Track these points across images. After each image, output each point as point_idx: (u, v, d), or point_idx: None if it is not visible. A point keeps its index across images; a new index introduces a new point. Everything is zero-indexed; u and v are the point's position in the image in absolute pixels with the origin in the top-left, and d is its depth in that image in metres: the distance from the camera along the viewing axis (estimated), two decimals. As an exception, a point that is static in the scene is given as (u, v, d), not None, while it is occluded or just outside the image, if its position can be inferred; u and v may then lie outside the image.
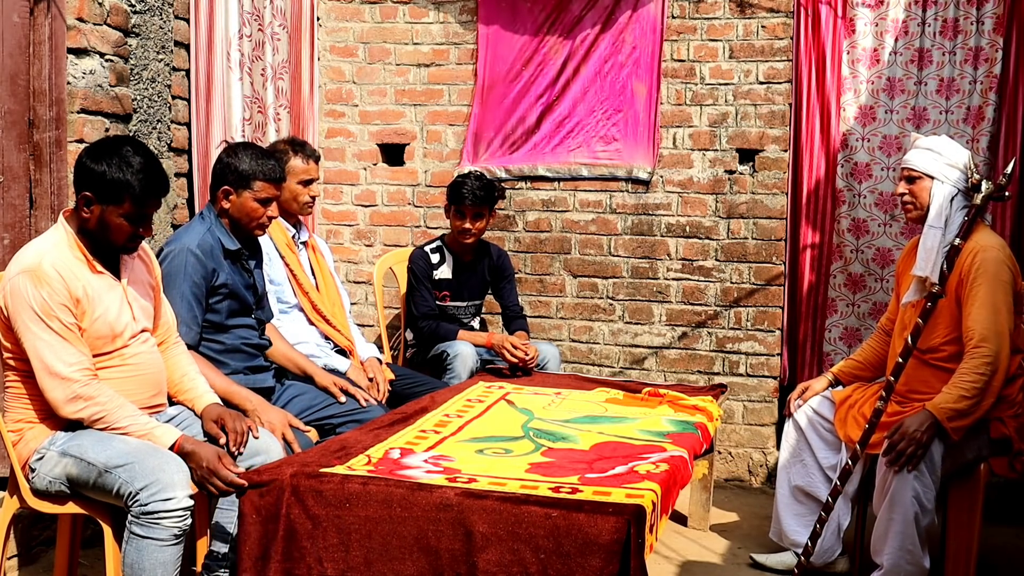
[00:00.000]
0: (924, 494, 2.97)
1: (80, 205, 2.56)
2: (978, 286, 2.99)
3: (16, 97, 3.32)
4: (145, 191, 2.56)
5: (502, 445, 2.86)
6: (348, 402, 3.32)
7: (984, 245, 3.04)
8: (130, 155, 2.55)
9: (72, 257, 2.57)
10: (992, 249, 3.03)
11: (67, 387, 2.50)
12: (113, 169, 2.52)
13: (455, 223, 4.14)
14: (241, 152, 3.14)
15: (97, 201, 2.55)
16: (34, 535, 3.31)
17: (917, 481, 2.96)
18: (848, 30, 4.23)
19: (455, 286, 4.23)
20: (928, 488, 2.98)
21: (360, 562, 2.35)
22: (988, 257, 3.01)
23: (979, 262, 3.00)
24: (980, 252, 3.02)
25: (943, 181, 3.10)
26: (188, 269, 2.98)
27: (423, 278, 4.17)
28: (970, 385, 2.93)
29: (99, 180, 2.53)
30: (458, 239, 4.16)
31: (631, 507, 2.26)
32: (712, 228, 4.49)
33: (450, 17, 4.72)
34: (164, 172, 2.63)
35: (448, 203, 4.16)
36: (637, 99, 4.52)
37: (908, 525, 2.99)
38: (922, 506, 2.98)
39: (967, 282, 3.02)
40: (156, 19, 4.02)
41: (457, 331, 4.12)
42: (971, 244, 3.04)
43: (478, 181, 4.12)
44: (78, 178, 2.57)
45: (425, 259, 4.19)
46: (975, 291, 2.99)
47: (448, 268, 4.22)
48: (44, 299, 2.48)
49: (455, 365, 3.96)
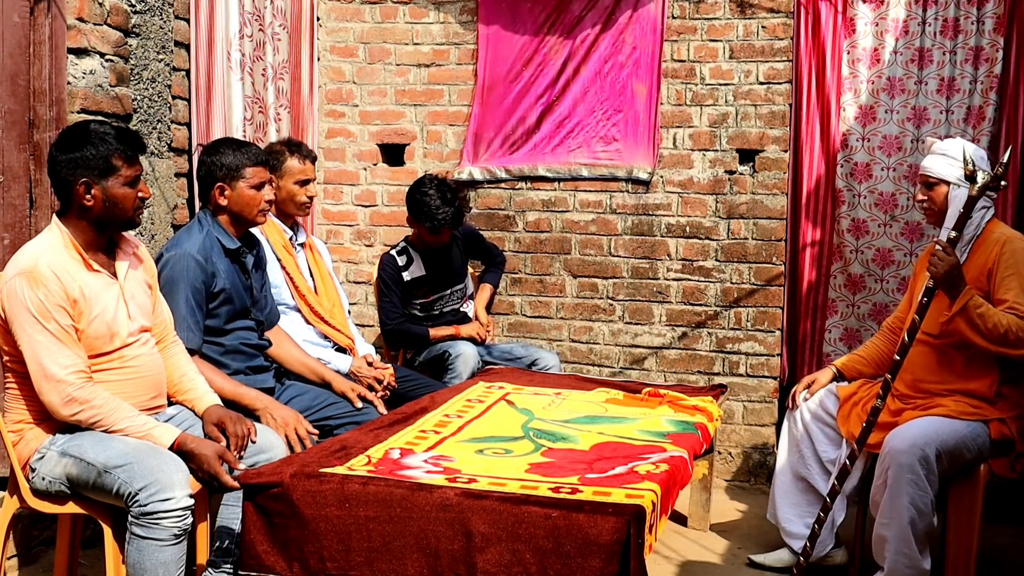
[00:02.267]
0: (920, 499, 2.97)
1: (80, 195, 2.56)
2: (1010, 274, 3.04)
3: (16, 97, 3.32)
4: (131, 147, 2.63)
5: (502, 445, 2.86)
6: (346, 403, 3.33)
7: (1010, 235, 3.12)
8: (98, 127, 2.61)
9: (68, 257, 2.57)
10: (1019, 239, 3.11)
11: (62, 389, 2.49)
12: (95, 144, 2.56)
13: (428, 237, 4.13)
14: (220, 148, 3.18)
15: (96, 182, 2.56)
16: (34, 535, 3.31)
17: (913, 487, 2.96)
18: (848, 30, 4.23)
19: (431, 280, 4.22)
20: (924, 492, 2.97)
21: (360, 562, 2.35)
22: (1018, 247, 3.08)
23: (1007, 252, 3.06)
24: (1007, 242, 3.08)
25: (960, 185, 3.11)
26: (189, 274, 2.99)
27: (392, 284, 4.16)
28: (1004, 320, 2.94)
29: (89, 161, 2.55)
30: (430, 244, 4.16)
31: (631, 507, 2.26)
32: (712, 228, 4.49)
33: (450, 17, 4.72)
34: (134, 130, 2.68)
35: (418, 222, 4.10)
36: (637, 99, 4.52)
37: (904, 530, 2.99)
38: (919, 510, 2.98)
39: (997, 270, 3.06)
40: (156, 19, 4.02)
41: (427, 330, 4.16)
42: (996, 235, 3.11)
43: (448, 207, 4.02)
44: (66, 171, 2.56)
45: (393, 264, 4.18)
46: (1009, 278, 3.03)
47: (418, 266, 4.21)
48: (40, 300, 2.47)
49: (456, 365, 3.97)
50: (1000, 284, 3.05)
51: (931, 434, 2.98)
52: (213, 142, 3.28)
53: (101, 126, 2.62)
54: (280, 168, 3.52)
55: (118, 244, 2.75)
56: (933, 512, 3.02)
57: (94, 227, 2.62)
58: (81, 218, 2.60)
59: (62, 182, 2.58)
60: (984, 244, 3.12)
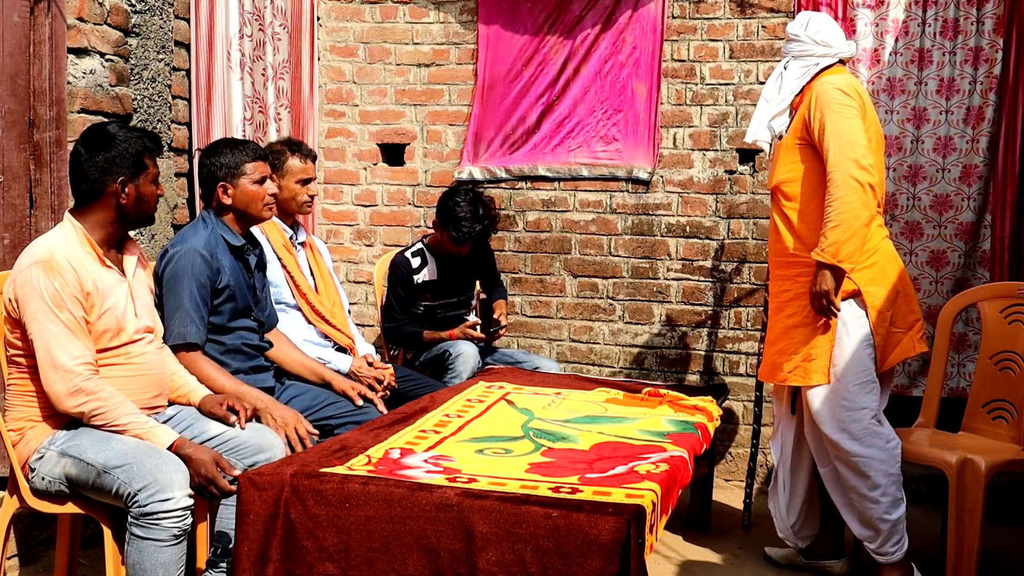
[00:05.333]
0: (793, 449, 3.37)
1: (118, 193, 2.62)
2: (819, 119, 3.12)
3: (16, 97, 3.33)
4: (156, 144, 2.74)
5: (502, 445, 2.86)
6: (346, 403, 3.33)
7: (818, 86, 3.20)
8: (122, 127, 2.68)
9: (83, 251, 2.61)
10: (824, 83, 3.17)
11: (69, 379, 2.51)
12: (128, 143, 2.64)
13: (450, 246, 4.11)
14: (219, 149, 3.20)
15: (131, 180, 2.63)
16: (34, 535, 3.31)
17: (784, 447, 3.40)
18: (848, 30, 4.23)
19: (441, 285, 4.21)
20: (788, 443, 3.36)
21: (360, 562, 2.35)
22: (823, 90, 3.14)
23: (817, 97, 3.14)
24: (818, 91, 3.16)
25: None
26: (195, 270, 3.00)
27: (399, 287, 4.15)
28: (833, 213, 3.02)
29: (125, 160, 2.63)
30: (448, 252, 4.15)
31: (631, 507, 2.26)
32: (712, 228, 4.49)
33: (450, 17, 4.72)
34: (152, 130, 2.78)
35: (443, 228, 4.06)
36: (637, 99, 4.53)
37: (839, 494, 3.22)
38: (819, 458, 3.26)
39: (812, 120, 3.15)
40: (156, 19, 4.02)
41: (422, 331, 4.16)
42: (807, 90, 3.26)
43: (477, 223, 3.99)
44: (99, 170, 2.61)
45: (406, 266, 4.16)
46: (819, 126, 3.12)
47: (431, 270, 4.19)
48: (56, 289, 2.50)
49: (456, 365, 3.96)
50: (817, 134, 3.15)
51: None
52: (211, 144, 3.29)
53: (124, 127, 2.68)
54: (281, 167, 3.52)
55: (126, 244, 2.78)
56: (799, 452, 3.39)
57: (119, 223, 2.68)
58: (107, 215, 2.65)
59: (92, 181, 2.62)
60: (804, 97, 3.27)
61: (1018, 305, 3.44)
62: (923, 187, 4.20)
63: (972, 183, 4.14)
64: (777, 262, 3.32)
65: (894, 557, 3.14)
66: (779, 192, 3.26)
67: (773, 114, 3.31)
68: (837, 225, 3.01)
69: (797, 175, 3.20)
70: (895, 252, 3.28)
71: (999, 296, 3.52)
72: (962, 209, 4.16)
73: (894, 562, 3.15)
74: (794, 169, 3.21)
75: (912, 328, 3.22)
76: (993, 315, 3.51)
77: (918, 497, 4.07)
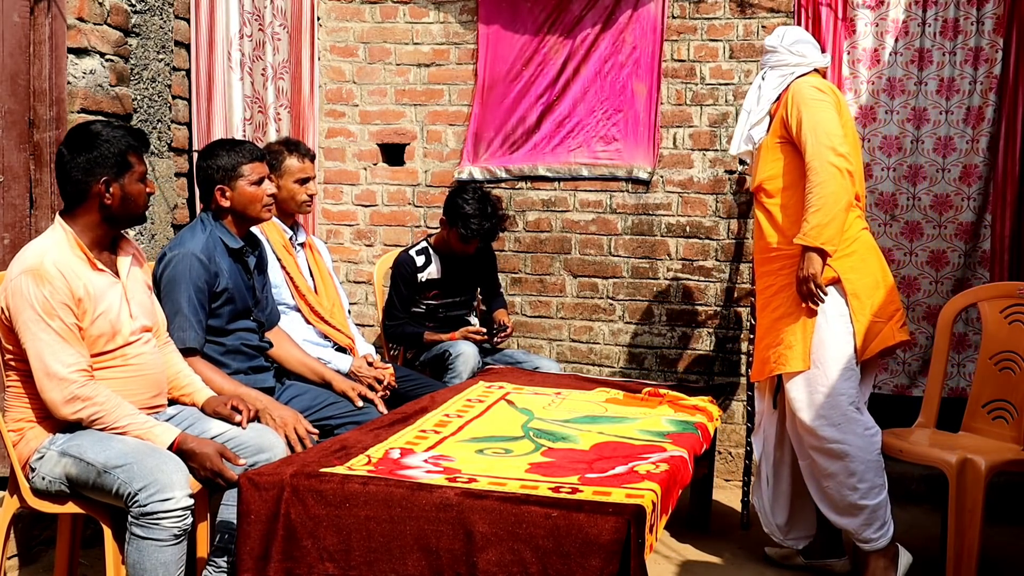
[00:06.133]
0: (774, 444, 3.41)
1: (101, 194, 2.59)
2: (796, 115, 3.19)
3: (16, 97, 3.33)
4: (141, 144, 2.70)
5: (502, 445, 2.86)
6: (346, 403, 3.33)
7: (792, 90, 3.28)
8: (106, 127, 2.65)
9: (73, 256, 2.58)
10: (799, 82, 3.27)
11: (64, 387, 2.50)
12: (110, 143, 2.60)
13: (456, 244, 4.11)
14: (215, 151, 3.18)
15: (114, 180, 2.60)
16: (34, 535, 3.31)
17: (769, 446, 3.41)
18: (848, 31, 4.23)
19: (444, 284, 4.22)
20: (770, 438, 3.40)
21: (360, 562, 2.35)
22: (799, 88, 3.23)
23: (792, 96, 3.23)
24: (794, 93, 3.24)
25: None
26: (192, 274, 2.99)
27: (403, 285, 4.15)
28: (813, 198, 3.08)
29: (107, 159, 2.59)
30: (454, 250, 4.15)
31: (631, 507, 2.26)
32: (712, 228, 4.49)
33: (450, 17, 4.72)
34: (138, 127, 2.76)
35: (451, 225, 4.07)
36: (637, 99, 4.53)
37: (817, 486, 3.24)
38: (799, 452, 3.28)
39: (790, 117, 3.21)
40: (156, 19, 4.02)
41: (423, 331, 4.16)
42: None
43: (485, 221, 4.00)
44: (82, 171, 2.58)
45: (410, 264, 4.16)
46: (796, 121, 3.19)
47: (435, 269, 4.20)
48: (46, 298, 2.48)
49: (456, 365, 3.96)
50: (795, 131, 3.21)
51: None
52: (207, 146, 3.29)
53: (108, 125, 2.65)
54: (279, 167, 3.52)
55: (119, 244, 2.76)
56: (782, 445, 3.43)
57: (107, 224, 2.65)
58: (94, 216, 2.62)
59: (76, 183, 2.59)
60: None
61: (1018, 305, 3.45)
62: (923, 187, 4.21)
63: (972, 183, 4.14)
64: (761, 259, 3.37)
65: (878, 544, 3.16)
66: (761, 191, 3.33)
67: (753, 123, 3.37)
68: (818, 209, 3.07)
69: (778, 171, 3.27)
70: (875, 243, 3.32)
71: (999, 296, 3.52)
72: (962, 209, 4.17)
73: (878, 549, 3.16)
74: (775, 167, 3.27)
75: (892, 318, 3.24)
76: (993, 315, 3.51)
77: (918, 497, 4.07)
